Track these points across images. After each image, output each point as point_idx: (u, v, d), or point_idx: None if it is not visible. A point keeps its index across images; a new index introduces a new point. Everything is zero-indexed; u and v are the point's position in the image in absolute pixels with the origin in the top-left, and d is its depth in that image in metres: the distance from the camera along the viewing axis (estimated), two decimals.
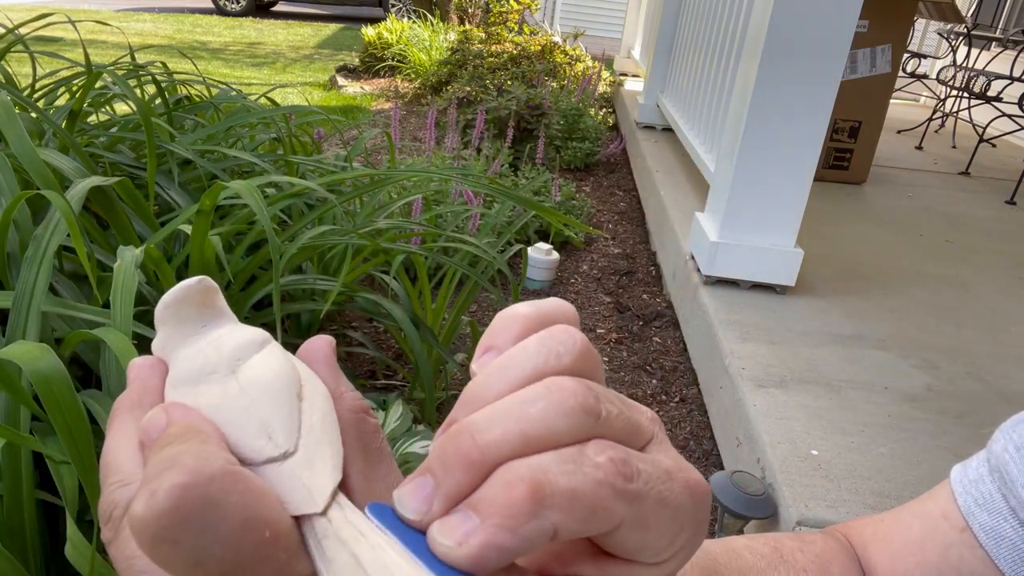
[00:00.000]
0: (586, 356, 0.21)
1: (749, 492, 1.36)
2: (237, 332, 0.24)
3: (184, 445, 0.19)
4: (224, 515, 0.17)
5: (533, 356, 0.20)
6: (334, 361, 0.24)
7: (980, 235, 3.03)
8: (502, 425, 0.19)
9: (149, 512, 0.17)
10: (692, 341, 2.25)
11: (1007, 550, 0.38)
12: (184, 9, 11.48)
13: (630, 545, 0.20)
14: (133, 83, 2.09)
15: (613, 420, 0.20)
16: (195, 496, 0.17)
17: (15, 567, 0.83)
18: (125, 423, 0.22)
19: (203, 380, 0.22)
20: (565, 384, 0.19)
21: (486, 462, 0.18)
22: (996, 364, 1.91)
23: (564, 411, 0.19)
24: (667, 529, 0.20)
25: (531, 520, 0.17)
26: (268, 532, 0.18)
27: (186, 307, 0.24)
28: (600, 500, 0.18)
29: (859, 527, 0.46)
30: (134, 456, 0.21)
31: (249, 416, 0.21)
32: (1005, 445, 0.40)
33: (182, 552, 0.17)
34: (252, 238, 1.56)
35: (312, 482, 0.20)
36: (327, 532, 0.19)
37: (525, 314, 0.22)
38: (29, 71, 2.18)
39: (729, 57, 2.67)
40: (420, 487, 0.19)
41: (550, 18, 11.43)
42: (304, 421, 0.21)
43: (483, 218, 2.53)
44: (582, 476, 0.18)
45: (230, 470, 0.18)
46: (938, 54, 6.29)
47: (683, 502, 0.20)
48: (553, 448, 0.19)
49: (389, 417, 1.44)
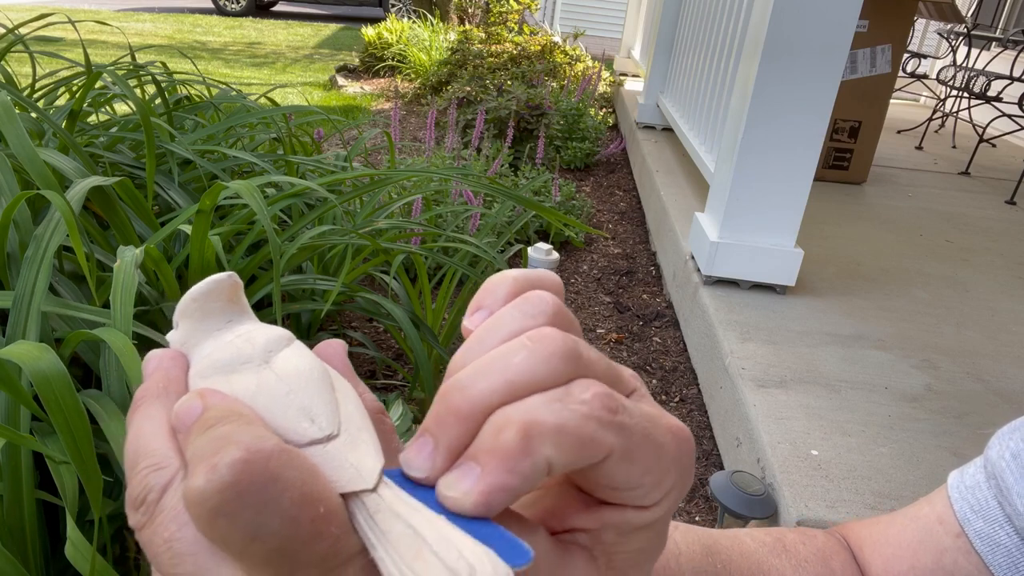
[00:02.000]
0: (560, 316, 0.22)
1: (749, 492, 1.36)
2: (264, 328, 0.24)
3: (232, 425, 0.19)
4: (283, 489, 0.17)
5: (509, 321, 0.21)
6: (349, 363, 0.25)
7: (980, 235, 3.03)
8: (487, 377, 0.20)
9: (210, 486, 0.17)
10: (692, 341, 2.25)
11: (1002, 557, 0.38)
12: (184, 9, 11.48)
13: (619, 479, 0.20)
14: (133, 83, 2.09)
15: (595, 363, 0.21)
16: (257, 470, 0.17)
17: (15, 567, 0.83)
18: (152, 410, 0.22)
19: (236, 370, 0.22)
20: (545, 332, 0.20)
21: (476, 413, 0.19)
22: (996, 364, 1.91)
23: (546, 356, 0.20)
24: (653, 466, 0.21)
25: (526, 458, 0.18)
26: (323, 508, 0.18)
27: (213, 301, 0.24)
28: (588, 432, 0.19)
29: (855, 529, 0.46)
30: (167, 442, 0.21)
31: (289, 402, 0.21)
32: (1001, 452, 0.40)
33: (240, 526, 0.17)
34: (252, 238, 1.56)
35: (359, 462, 0.20)
36: (379, 507, 0.19)
37: (515, 277, 0.23)
38: (29, 71, 2.18)
39: (729, 57, 2.67)
40: (422, 447, 0.20)
41: (550, 18, 11.42)
42: (342, 409, 0.22)
43: (483, 218, 2.53)
44: (569, 412, 0.19)
45: (284, 447, 0.18)
46: (938, 54, 6.29)
47: (667, 442, 0.21)
48: (540, 391, 0.20)
49: (395, 414, 1.44)
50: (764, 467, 1.46)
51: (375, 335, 2.23)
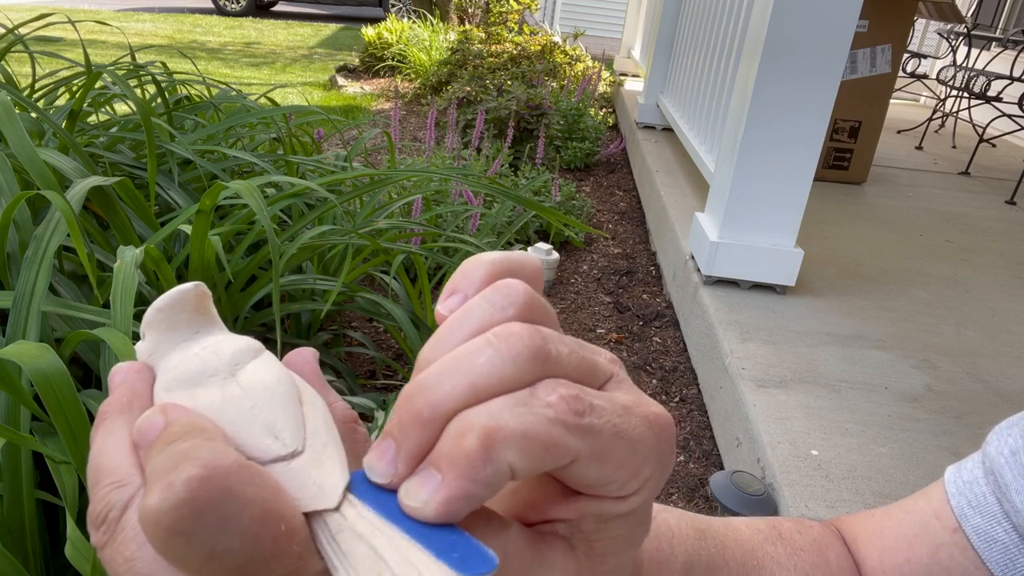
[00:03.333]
0: (531, 305, 0.21)
1: (749, 492, 1.36)
2: (232, 339, 0.24)
3: (192, 441, 0.18)
4: (243, 507, 0.17)
5: (478, 313, 0.21)
6: (320, 373, 0.25)
7: (980, 235, 3.03)
8: (451, 380, 0.19)
9: (165, 503, 0.16)
10: (692, 341, 2.25)
11: (999, 553, 0.38)
12: (184, 9, 11.48)
13: (591, 478, 0.20)
14: (133, 83, 2.09)
15: (564, 360, 0.20)
16: (214, 487, 0.17)
17: (15, 567, 0.83)
18: (115, 425, 0.22)
19: (201, 383, 0.22)
20: (512, 330, 0.20)
21: (438, 418, 0.19)
22: (996, 364, 1.91)
23: (511, 356, 0.19)
24: (627, 461, 0.20)
25: (487, 465, 0.18)
26: (283, 526, 0.18)
27: (179, 312, 0.24)
28: (552, 437, 0.19)
29: (849, 522, 0.46)
30: (128, 458, 0.20)
31: (253, 417, 0.21)
32: (1000, 448, 0.40)
33: (196, 545, 0.17)
34: (252, 238, 1.56)
35: (323, 480, 0.20)
36: (342, 527, 0.19)
37: (491, 260, 0.22)
38: (29, 71, 2.18)
39: (729, 57, 2.67)
40: (384, 452, 0.19)
41: (550, 18, 11.43)
42: (308, 424, 0.21)
43: (483, 218, 2.53)
44: (533, 417, 0.19)
45: (245, 463, 0.18)
46: (938, 54, 6.29)
47: (643, 434, 0.20)
48: (505, 393, 0.19)
49: (389, 417, 1.44)
50: (764, 467, 1.46)
51: (375, 335, 2.23)
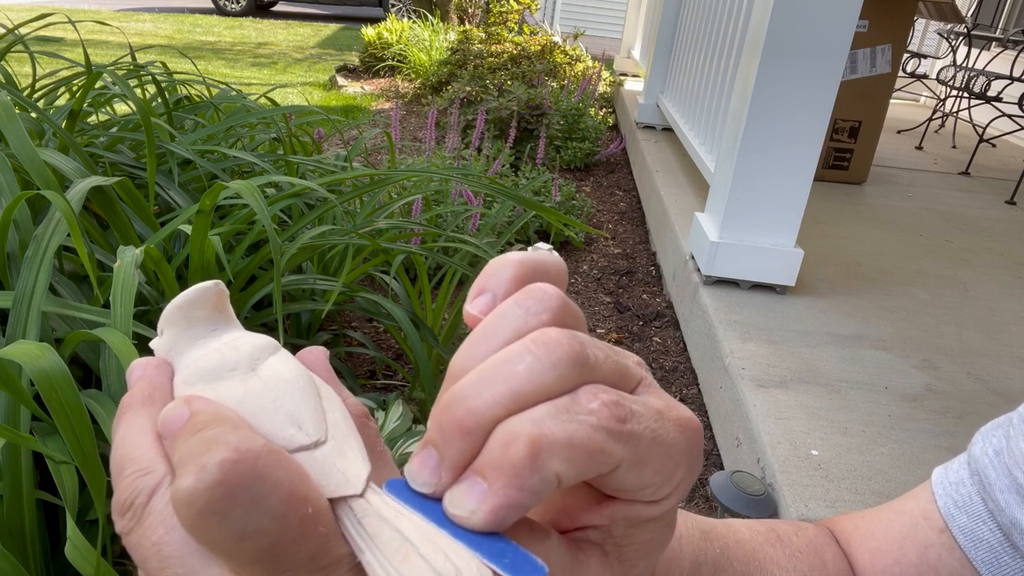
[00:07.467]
0: (565, 310, 0.21)
1: (749, 492, 1.36)
2: (249, 336, 0.24)
3: (219, 428, 0.19)
4: (272, 488, 0.17)
5: (511, 318, 0.21)
6: (331, 370, 0.25)
7: (980, 235, 3.03)
8: (491, 388, 0.19)
9: (200, 484, 0.17)
10: (692, 341, 2.25)
11: (984, 553, 0.39)
12: (184, 9, 11.48)
13: (630, 484, 0.20)
14: (133, 83, 2.09)
15: (602, 364, 0.20)
16: (245, 469, 0.17)
17: (15, 567, 0.83)
18: (138, 417, 0.22)
19: (222, 377, 0.22)
20: (550, 336, 0.20)
21: (481, 426, 0.19)
22: (996, 364, 1.91)
23: (551, 363, 0.19)
24: (663, 466, 0.20)
25: (534, 474, 0.18)
26: (310, 508, 0.18)
27: (199, 309, 0.24)
28: (597, 444, 0.19)
29: (842, 522, 0.47)
30: (152, 447, 0.21)
31: (276, 408, 0.21)
32: (984, 449, 0.40)
33: (229, 525, 0.17)
34: (252, 238, 1.56)
35: (346, 468, 0.20)
36: (367, 512, 0.19)
37: (519, 260, 0.22)
38: (29, 71, 2.18)
39: (729, 57, 2.67)
40: (426, 460, 0.19)
41: (550, 18, 11.43)
42: (328, 416, 0.22)
43: (483, 218, 2.53)
44: (577, 424, 0.19)
45: (273, 448, 0.18)
46: (938, 54, 6.29)
47: (676, 439, 0.21)
48: (546, 400, 0.19)
49: (389, 417, 1.44)
50: (764, 467, 1.46)
51: (375, 335, 2.23)
